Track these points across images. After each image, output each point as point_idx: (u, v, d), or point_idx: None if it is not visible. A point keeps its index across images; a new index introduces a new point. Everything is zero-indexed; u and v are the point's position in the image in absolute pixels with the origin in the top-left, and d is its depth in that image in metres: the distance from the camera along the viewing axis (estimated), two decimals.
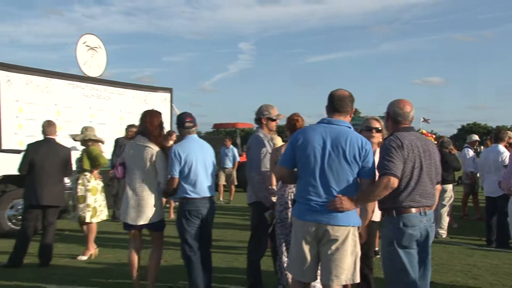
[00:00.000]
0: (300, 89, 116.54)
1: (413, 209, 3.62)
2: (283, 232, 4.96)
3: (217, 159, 5.66)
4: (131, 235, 5.12)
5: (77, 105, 12.49)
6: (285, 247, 4.96)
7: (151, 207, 4.93)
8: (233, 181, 14.84)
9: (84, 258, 7.00)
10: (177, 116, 5.11)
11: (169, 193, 4.96)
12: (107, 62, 13.69)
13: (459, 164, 9.70)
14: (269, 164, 5.12)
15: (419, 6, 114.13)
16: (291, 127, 5.10)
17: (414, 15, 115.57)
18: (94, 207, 7.17)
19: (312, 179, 3.53)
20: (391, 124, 3.85)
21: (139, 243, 5.16)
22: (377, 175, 3.60)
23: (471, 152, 11.35)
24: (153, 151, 4.91)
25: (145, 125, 5.05)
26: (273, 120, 5.35)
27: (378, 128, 4.62)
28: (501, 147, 8.26)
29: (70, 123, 11.82)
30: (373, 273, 4.71)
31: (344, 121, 3.66)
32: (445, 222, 9.02)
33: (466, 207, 11.81)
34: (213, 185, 4.98)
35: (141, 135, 5.04)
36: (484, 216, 9.01)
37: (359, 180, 3.58)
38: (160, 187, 4.95)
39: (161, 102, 14.52)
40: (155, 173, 4.93)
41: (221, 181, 14.65)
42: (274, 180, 5.09)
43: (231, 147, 15.05)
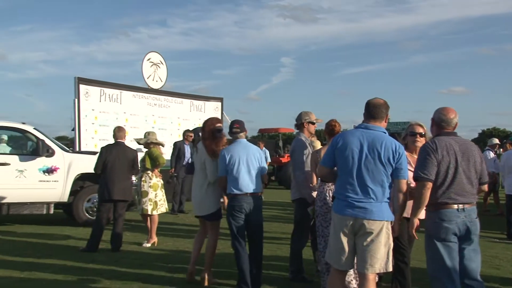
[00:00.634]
0: (336, 98, 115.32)
1: (449, 205, 3.52)
2: (322, 225, 4.87)
3: None
4: (199, 222, 5.34)
5: (142, 113, 12.73)
6: (323, 238, 4.88)
7: (204, 201, 5.03)
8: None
9: (148, 245, 7.09)
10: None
11: (222, 188, 5.00)
12: (168, 76, 13.91)
13: None
14: (310, 164, 5.05)
15: (446, 23, 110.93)
16: (329, 131, 5.04)
17: (442, 31, 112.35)
18: (155, 201, 7.26)
19: (350, 178, 3.49)
20: (435, 129, 3.77)
21: (203, 229, 5.27)
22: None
23: (491, 154, 10.98)
24: (204, 154, 4.99)
25: (201, 131, 5.17)
26: (313, 123, 5.32)
27: (422, 133, 4.45)
28: None
29: (136, 128, 12.06)
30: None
31: (380, 126, 3.60)
32: None
33: (487, 203, 11.52)
34: (257, 183, 4.86)
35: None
36: (505, 212, 8.69)
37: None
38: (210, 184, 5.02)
39: (213, 110, 14.62)
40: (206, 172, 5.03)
41: None
42: (314, 179, 5.02)
43: (264, 149, 14.97)
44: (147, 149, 7.48)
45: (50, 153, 8.30)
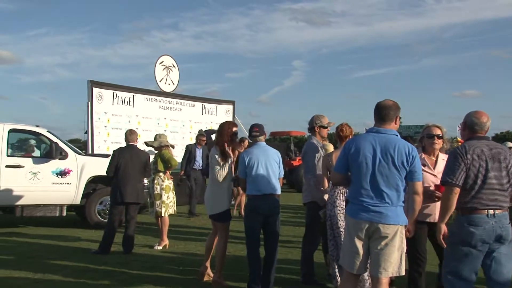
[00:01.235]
0: (348, 101, 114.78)
1: (479, 211, 3.46)
2: (331, 228, 4.87)
3: None
4: (212, 223, 5.37)
5: (154, 116, 12.79)
6: (333, 241, 4.86)
7: (213, 200, 5.11)
8: None
9: (159, 248, 7.11)
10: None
11: (242, 190, 5.05)
12: (180, 79, 13.97)
13: None
14: (321, 167, 5.05)
15: (459, 26, 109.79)
16: (338, 135, 5.06)
17: (455, 34, 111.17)
18: (167, 203, 7.31)
19: (364, 183, 3.47)
20: (467, 132, 3.70)
21: (215, 230, 5.30)
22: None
23: None
24: (215, 155, 5.06)
25: (217, 134, 5.27)
26: (325, 127, 5.33)
27: (439, 135, 4.40)
28: None
29: (148, 131, 12.12)
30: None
31: (392, 129, 3.57)
32: None
33: None
34: (275, 184, 4.91)
35: None
36: None
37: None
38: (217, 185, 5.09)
39: (225, 113, 14.66)
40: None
41: None
42: (326, 182, 5.01)
43: None
44: (157, 152, 7.53)
45: (63, 155, 8.38)
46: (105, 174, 7.19)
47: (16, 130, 8.51)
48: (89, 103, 11.00)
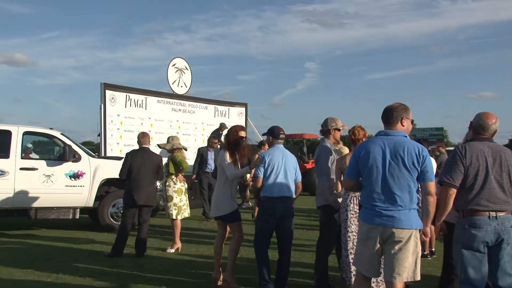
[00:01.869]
0: (361, 103, 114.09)
1: (480, 212, 3.46)
2: (344, 231, 4.85)
3: None
4: (217, 225, 5.44)
5: (167, 118, 12.87)
6: (347, 244, 4.84)
7: (219, 201, 5.16)
8: None
9: (172, 250, 7.13)
10: (271, 128, 5.27)
11: (257, 190, 5.10)
12: (192, 81, 14.04)
13: None
14: (335, 170, 5.05)
15: (475, 27, 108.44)
16: (350, 138, 5.08)
17: (470, 35, 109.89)
18: (179, 206, 7.32)
19: (376, 187, 3.47)
20: (471, 133, 3.74)
21: (221, 232, 5.33)
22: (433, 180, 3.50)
23: None
24: (223, 157, 5.12)
25: (225, 138, 5.35)
26: (339, 130, 5.33)
27: None
28: None
29: (161, 134, 12.19)
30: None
31: (399, 131, 3.57)
32: None
33: None
34: (291, 187, 5.02)
35: None
36: None
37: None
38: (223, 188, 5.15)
39: (238, 116, 14.70)
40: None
41: None
42: (339, 185, 5.01)
43: None
44: (169, 154, 7.56)
45: (76, 158, 8.46)
46: (117, 177, 7.23)
47: (30, 132, 8.62)
48: (102, 105, 11.10)
